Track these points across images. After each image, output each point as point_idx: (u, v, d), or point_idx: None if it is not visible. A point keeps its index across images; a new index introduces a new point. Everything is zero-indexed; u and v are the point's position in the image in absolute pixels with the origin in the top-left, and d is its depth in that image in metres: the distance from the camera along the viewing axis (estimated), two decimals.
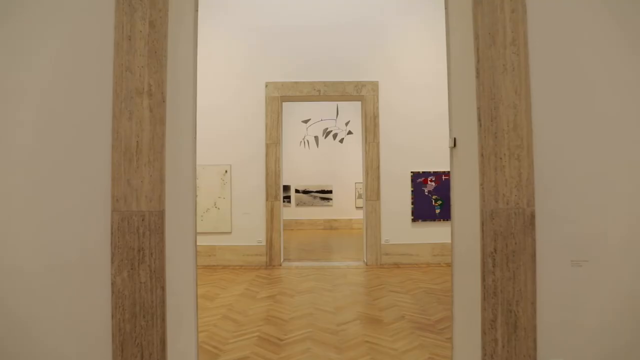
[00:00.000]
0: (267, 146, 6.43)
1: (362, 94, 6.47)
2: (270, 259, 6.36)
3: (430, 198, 6.42)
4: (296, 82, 6.48)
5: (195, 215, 2.10)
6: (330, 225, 12.14)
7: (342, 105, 11.24)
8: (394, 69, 6.52)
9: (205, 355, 2.95)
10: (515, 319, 1.72)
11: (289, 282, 5.23)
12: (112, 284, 1.75)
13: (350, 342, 3.18)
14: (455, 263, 2.22)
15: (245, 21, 6.55)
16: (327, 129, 10.94)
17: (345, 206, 12.19)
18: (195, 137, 2.12)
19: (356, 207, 12.18)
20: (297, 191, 12.26)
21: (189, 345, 2.02)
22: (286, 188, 12.17)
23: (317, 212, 12.21)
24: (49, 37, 1.83)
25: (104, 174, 1.78)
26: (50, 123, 1.81)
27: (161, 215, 1.76)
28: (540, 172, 1.76)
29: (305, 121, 11.17)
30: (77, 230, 1.78)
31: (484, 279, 1.73)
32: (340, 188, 12.18)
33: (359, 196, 12.18)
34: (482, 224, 1.74)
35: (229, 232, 6.43)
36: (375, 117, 6.44)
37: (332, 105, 11.09)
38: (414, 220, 6.39)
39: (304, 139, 11.50)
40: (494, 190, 1.73)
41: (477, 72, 1.77)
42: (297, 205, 12.23)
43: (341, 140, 10.64)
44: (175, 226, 1.89)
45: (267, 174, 6.41)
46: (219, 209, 6.45)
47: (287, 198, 12.18)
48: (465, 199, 1.99)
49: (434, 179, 6.42)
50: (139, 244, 1.74)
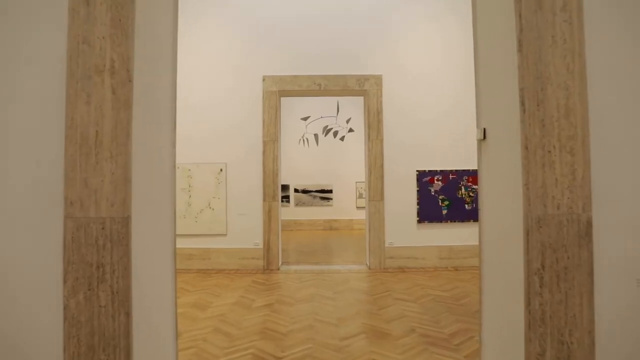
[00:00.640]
0: (265, 144, 6.08)
1: (365, 88, 6.12)
2: (267, 263, 6.02)
3: (436, 198, 6.08)
4: (295, 76, 6.13)
5: (175, 223, 1.74)
6: (330, 226, 11.80)
7: (343, 102, 10.90)
8: (399, 61, 6.17)
9: None
10: (568, 352, 1.38)
11: (287, 289, 4.89)
12: (64, 308, 1.40)
13: None
14: (485, 280, 1.88)
15: (241, 11, 6.19)
16: (327, 126, 10.61)
17: (346, 206, 11.85)
18: (175, 127, 1.77)
19: (357, 207, 11.84)
20: (296, 191, 11.91)
21: None
22: (285, 187, 11.82)
23: (317, 213, 11.86)
24: None
25: (55, 172, 1.43)
26: None
27: (126, 222, 1.42)
28: (599, 169, 1.42)
29: (305, 118, 10.84)
30: (21, 242, 1.43)
31: (528, 303, 1.39)
32: (340, 187, 11.84)
33: (360, 196, 11.85)
34: (527, 234, 1.40)
35: (224, 234, 6.09)
36: (379, 112, 6.10)
37: (332, 102, 10.75)
38: (419, 221, 6.05)
39: (303, 136, 11.16)
40: (541, 192, 1.39)
41: (520, 45, 1.43)
42: (296, 205, 11.89)
43: (342, 138, 10.30)
44: (146, 236, 1.54)
45: (264, 173, 6.06)
46: (213, 209, 6.10)
47: (285, 198, 11.83)
48: (500, 201, 1.64)
49: (440, 178, 6.08)
50: (98, 259, 1.39)
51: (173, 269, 1.71)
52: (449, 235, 6.07)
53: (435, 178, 6.08)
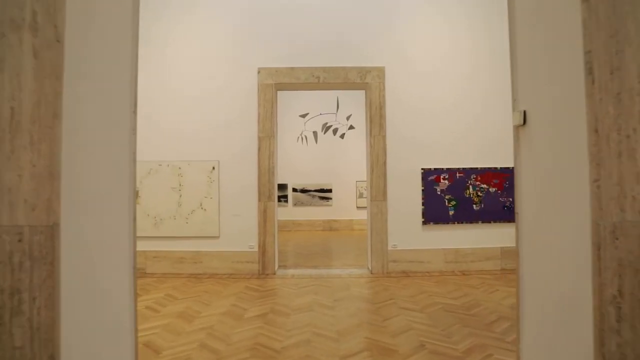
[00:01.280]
0: (260, 140, 5.71)
1: (367, 81, 5.75)
2: (262, 267, 5.65)
3: (443, 198, 5.71)
4: (292, 68, 5.76)
5: (133, 232, 1.37)
6: (330, 226, 11.44)
7: (343, 98, 10.52)
8: (403, 53, 5.80)
9: None
10: None
11: (283, 296, 4.52)
12: None
13: None
14: (526, 304, 1.52)
15: None
16: (326, 123, 10.22)
17: (346, 206, 11.49)
18: (134, 106, 1.40)
19: (357, 207, 11.49)
20: (294, 190, 11.54)
21: None
22: (283, 187, 11.46)
23: (316, 213, 11.50)
24: None
25: None
26: None
27: (52, 232, 1.05)
28: None
29: (303, 115, 10.46)
30: None
31: (601, 343, 1.02)
32: (340, 187, 11.47)
33: (361, 195, 11.48)
34: (597, 248, 1.03)
35: (217, 237, 5.72)
36: (381, 107, 5.73)
37: (331, 98, 10.37)
38: (424, 223, 5.69)
39: (301, 134, 10.78)
40: (617, 191, 1.02)
41: None
42: (295, 205, 11.52)
43: (342, 136, 9.93)
44: (86, 251, 1.17)
45: (259, 171, 5.69)
46: (205, 210, 5.73)
47: (283, 197, 11.47)
48: (550, 204, 1.27)
49: (447, 177, 5.71)
50: (12, 283, 1.02)
51: (131, 295, 1.33)
52: (456, 238, 5.71)
53: (442, 176, 5.72)
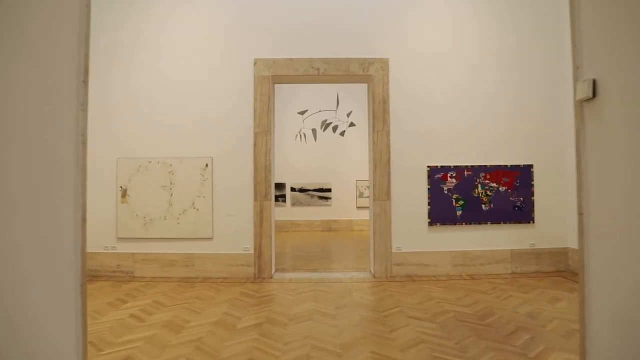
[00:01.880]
0: (256, 135, 5.37)
1: (370, 73, 5.42)
2: (259, 270, 5.31)
3: (450, 197, 5.39)
4: (291, 59, 5.42)
5: (83, 242, 1.04)
6: (329, 227, 11.11)
7: (343, 94, 10.20)
8: (408, 43, 5.48)
9: None
10: None
11: (280, 303, 4.18)
12: None
13: None
14: (593, 316, 1.17)
15: None
16: (326, 120, 9.89)
17: (346, 206, 11.17)
18: (86, 74, 1.06)
19: (357, 207, 11.17)
20: (292, 189, 11.21)
21: None
22: (281, 186, 11.13)
23: (315, 213, 11.18)
24: None
25: None
26: None
27: None
28: None
29: (302, 112, 10.13)
30: None
31: None
32: (340, 186, 11.15)
33: (361, 195, 11.16)
34: None
35: (210, 238, 5.38)
36: (385, 100, 5.40)
37: (331, 94, 10.05)
38: (430, 223, 5.36)
39: (300, 132, 10.45)
40: None
41: None
42: (293, 205, 11.19)
43: (342, 133, 9.60)
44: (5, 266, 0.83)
45: (255, 169, 5.35)
46: (198, 210, 5.39)
47: (281, 197, 11.14)
48: (629, 195, 0.94)
49: (454, 175, 5.39)
50: None
51: (79, 339, 0.99)
52: (464, 240, 5.39)
53: (449, 175, 5.39)
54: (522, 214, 5.41)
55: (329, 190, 11.19)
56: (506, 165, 5.43)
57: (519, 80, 5.48)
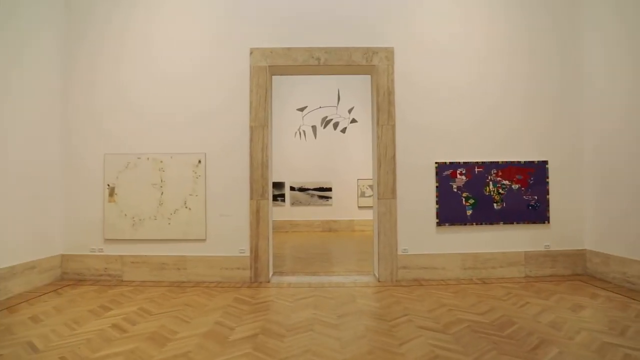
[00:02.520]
0: (252, 130, 5.03)
1: (374, 63, 5.08)
2: (255, 274, 4.96)
3: (459, 196, 5.04)
4: (289, 48, 5.08)
5: None
6: (330, 227, 10.77)
7: (345, 90, 9.88)
8: (414, 32, 5.13)
9: None
10: None
11: (277, 311, 3.84)
12: None
13: None
14: None
15: None
16: (326, 117, 9.56)
17: (347, 206, 10.83)
18: None
19: (359, 207, 10.83)
20: (292, 188, 10.87)
21: None
22: (280, 185, 10.79)
23: (315, 212, 10.84)
24: None
25: None
26: None
27: None
28: None
29: (301, 109, 9.79)
30: None
31: None
32: (340, 185, 10.81)
33: (362, 194, 10.83)
34: None
35: (203, 240, 5.03)
36: (390, 92, 5.06)
37: (332, 90, 9.72)
38: (439, 224, 5.02)
39: (299, 129, 10.12)
40: None
41: None
42: (292, 204, 10.85)
43: (343, 130, 9.27)
44: None
45: (252, 165, 5.01)
46: (190, 209, 5.04)
47: (280, 196, 10.80)
48: None
49: (464, 172, 5.05)
50: None
51: None
52: (475, 241, 5.05)
53: (458, 172, 5.05)
54: (537, 213, 5.07)
55: (329, 189, 10.85)
56: (519, 162, 5.08)
57: (530, 70, 5.13)
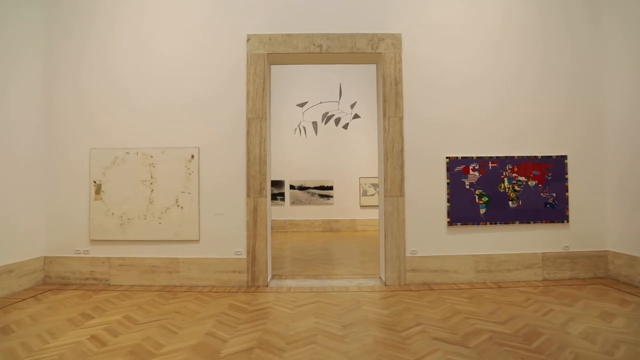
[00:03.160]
0: (249, 122, 4.67)
1: (379, 50, 4.72)
2: (252, 278, 4.61)
3: (472, 193, 4.69)
4: (289, 35, 4.72)
5: None
6: (331, 227, 10.42)
7: (347, 84, 9.52)
8: (423, 16, 4.78)
9: None
10: None
11: (276, 319, 3.48)
12: None
13: None
14: None
15: None
16: (327, 113, 9.18)
17: (349, 205, 10.47)
18: None
19: (361, 207, 10.47)
20: (292, 187, 10.51)
21: None
22: (279, 184, 10.43)
23: (316, 212, 10.48)
24: None
25: None
26: None
27: None
28: None
29: (301, 104, 9.41)
30: None
31: None
32: (342, 184, 10.46)
33: (365, 193, 10.47)
34: None
35: (196, 240, 4.68)
36: (398, 82, 4.70)
37: (333, 85, 9.36)
38: (450, 223, 4.66)
39: (299, 125, 9.75)
40: None
41: None
42: (292, 203, 10.49)
43: (345, 126, 8.90)
44: None
45: (248, 160, 4.65)
46: (182, 208, 4.69)
47: (280, 195, 10.44)
48: None
49: (477, 167, 4.70)
50: None
51: None
52: (488, 242, 4.69)
53: (471, 167, 4.70)
54: (555, 212, 4.71)
55: (330, 188, 10.49)
56: (536, 157, 4.73)
57: (545, 58, 4.78)
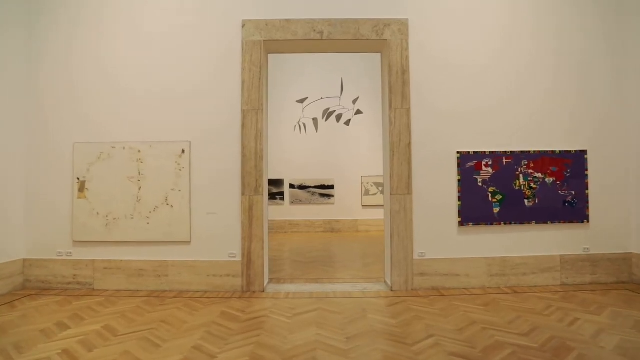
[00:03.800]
0: (245, 114, 4.33)
1: (385, 37, 4.38)
2: (247, 282, 4.27)
3: (485, 191, 4.35)
4: (287, 20, 4.38)
5: None
6: (332, 228, 10.08)
7: (349, 78, 9.18)
8: (431, 0, 4.44)
9: None
10: None
11: (272, 330, 3.13)
12: None
13: None
14: None
15: None
16: (328, 109, 8.83)
17: (350, 204, 10.13)
18: None
19: (363, 206, 10.13)
20: (291, 186, 10.17)
21: None
22: (279, 182, 10.09)
23: (316, 212, 10.14)
24: None
25: None
26: None
27: None
28: None
29: (301, 101, 9.07)
30: None
31: None
32: (343, 182, 10.12)
33: (367, 192, 10.13)
34: None
35: (187, 242, 4.34)
36: (405, 71, 4.36)
37: (334, 80, 9.02)
38: (461, 223, 4.32)
39: (299, 122, 9.40)
40: None
41: None
42: (292, 203, 10.15)
43: (347, 122, 8.56)
44: None
45: (244, 156, 4.31)
46: (172, 207, 4.34)
47: (279, 194, 10.10)
48: None
49: (490, 163, 4.35)
50: None
51: None
52: (502, 243, 4.35)
53: (484, 163, 4.35)
54: (574, 211, 4.37)
55: (331, 187, 10.15)
56: (554, 151, 4.38)
57: (560, 45, 4.43)
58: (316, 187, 10.18)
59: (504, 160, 4.36)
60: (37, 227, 4.42)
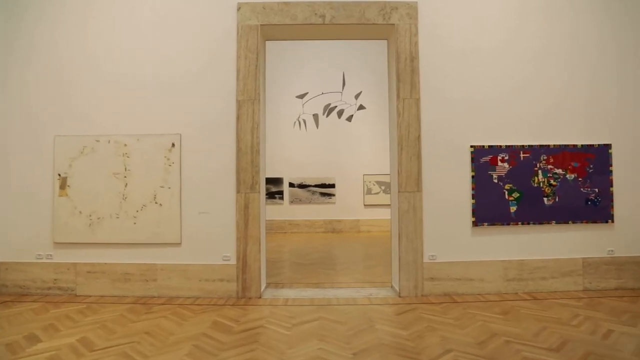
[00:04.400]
0: (240, 104, 3.99)
1: (392, 21, 4.04)
2: (243, 287, 3.92)
3: (501, 188, 4.00)
4: (287, 3, 4.04)
5: None
6: (333, 228, 9.72)
7: (351, 72, 8.82)
8: None
9: None
10: None
11: (269, 344, 2.79)
12: None
13: None
14: None
15: None
16: (329, 104, 8.47)
17: (352, 204, 9.77)
18: None
19: (365, 206, 9.78)
20: (291, 185, 9.81)
21: None
22: (278, 181, 9.75)
23: (316, 211, 9.78)
24: None
25: None
26: None
27: None
28: None
29: (301, 96, 8.70)
30: None
31: None
32: (345, 181, 9.76)
33: (369, 191, 9.78)
34: None
35: (178, 244, 3.99)
36: (414, 58, 4.01)
37: (336, 74, 8.66)
38: (475, 223, 3.97)
39: (299, 118, 9.04)
40: None
41: None
42: (292, 202, 9.80)
43: (349, 118, 8.20)
44: None
45: (239, 150, 3.96)
46: (161, 205, 4.00)
47: (279, 194, 9.75)
48: None
49: (507, 158, 4.01)
50: None
51: None
52: (520, 245, 4.00)
53: (499, 157, 4.01)
54: (597, 210, 4.02)
55: (332, 185, 9.80)
56: (575, 145, 4.04)
57: (577, 29, 4.09)
58: (316, 185, 9.83)
59: (522, 155, 4.02)
60: (14, 227, 4.07)
